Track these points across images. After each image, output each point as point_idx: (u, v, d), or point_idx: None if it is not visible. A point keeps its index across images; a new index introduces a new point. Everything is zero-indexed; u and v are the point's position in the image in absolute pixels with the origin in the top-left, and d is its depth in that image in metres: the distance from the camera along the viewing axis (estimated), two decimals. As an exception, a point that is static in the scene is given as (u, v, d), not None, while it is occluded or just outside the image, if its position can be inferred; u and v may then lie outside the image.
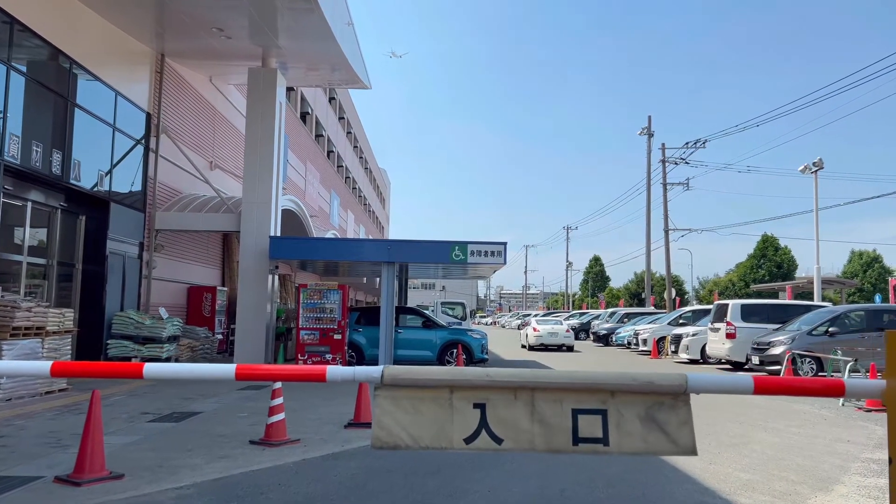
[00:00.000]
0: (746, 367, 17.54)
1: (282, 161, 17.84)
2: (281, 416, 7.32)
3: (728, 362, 19.25)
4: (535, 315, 47.07)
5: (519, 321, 61.29)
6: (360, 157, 54.98)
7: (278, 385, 7.29)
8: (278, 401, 7.29)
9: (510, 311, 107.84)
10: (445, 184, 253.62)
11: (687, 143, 40.53)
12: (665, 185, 41.42)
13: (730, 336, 18.35)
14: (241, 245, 16.05)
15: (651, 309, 38.72)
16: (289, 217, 20.73)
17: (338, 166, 41.94)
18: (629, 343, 28.66)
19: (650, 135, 42.67)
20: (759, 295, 39.21)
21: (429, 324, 16.79)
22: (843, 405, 11.50)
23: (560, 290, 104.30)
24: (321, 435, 7.91)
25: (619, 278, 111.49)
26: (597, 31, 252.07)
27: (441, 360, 16.54)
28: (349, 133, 48.08)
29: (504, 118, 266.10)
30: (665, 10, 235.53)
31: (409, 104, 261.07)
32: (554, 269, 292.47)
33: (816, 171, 23.74)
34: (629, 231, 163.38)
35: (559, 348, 28.52)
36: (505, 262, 15.85)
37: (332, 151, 39.85)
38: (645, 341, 26.07)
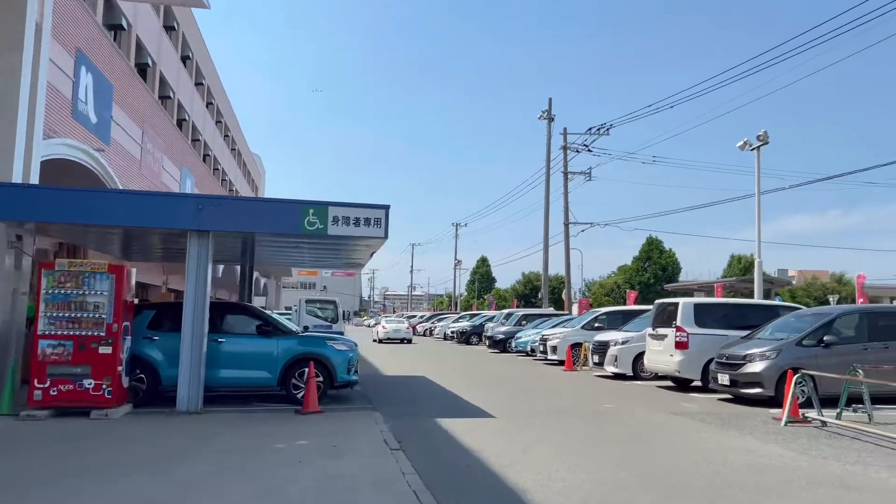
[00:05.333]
0: (708, 387, 13.12)
1: (41, 83, 11.58)
2: None
3: (674, 380, 14.83)
4: (386, 317, 52.13)
5: (408, 323, 56.50)
6: (226, 136, 47.83)
7: None
8: None
9: (394, 311, 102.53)
10: (327, 184, 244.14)
11: (590, 129, 36.84)
12: (566, 173, 37.54)
13: (681, 346, 13.90)
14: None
15: (551, 310, 34.64)
16: (75, 174, 14.30)
17: (193, 140, 34.93)
18: (532, 350, 24.06)
19: (550, 119, 38.68)
20: (672, 295, 36.00)
21: (266, 329, 11.07)
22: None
23: (447, 292, 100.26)
24: None
25: (505, 279, 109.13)
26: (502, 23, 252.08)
27: (285, 384, 10.90)
28: (210, 104, 41.02)
29: (391, 118, 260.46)
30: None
31: (289, 104, 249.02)
32: (442, 270, 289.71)
33: (760, 146, 20.21)
34: (518, 230, 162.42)
35: (401, 341, 36.18)
36: (386, 236, 10.47)
37: (185, 120, 32.84)
38: (555, 348, 21.50)
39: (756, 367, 11.64)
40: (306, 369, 10.71)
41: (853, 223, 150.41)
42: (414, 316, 62.71)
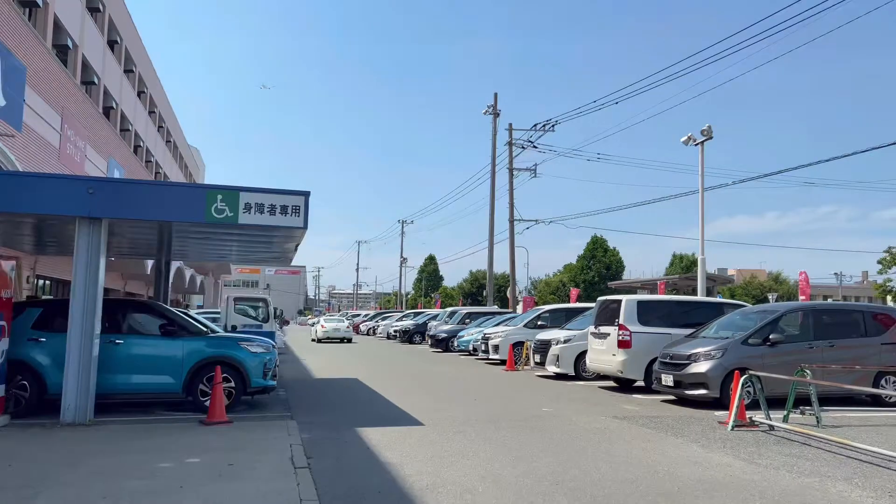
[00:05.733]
0: (652, 388, 12.54)
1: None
2: None
3: (617, 380, 14.25)
4: (326, 315, 49.36)
5: (349, 321, 54.97)
6: (160, 127, 45.73)
7: None
8: None
9: (339, 310, 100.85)
10: (271, 182, 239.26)
11: (535, 126, 36.37)
12: (511, 170, 37.00)
13: (623, 345, 13.30)
14: None
15: (496, 308, 33.98)
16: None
17: (122, 129, 33.00)
18: (475, 349, 23.31)
19: (496, 114, 38.08)
20: (616, 293, 35.64)
21: (171, 329, 9.91)
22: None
23: (394, 290, 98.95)
24: None
25: (454, 278, 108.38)
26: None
27: (191, 391, 9.77)
28: (142, 93, 39.03)
29: (336, 115, 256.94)
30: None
31: (234, 100, 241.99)
32: (389, 268, 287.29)
33: (704, 140, 19.90)
34: (465, 227, 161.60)
35: (341, 341, 34.94)
36: (305, 226, 9.45)
37: (113, 108, 30.98)
38: (497, 347, 20.79)
39: (701, 367, 11.08)
40: (219, 373, 9.62)
41: (789, 224, 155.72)
42: (358, 315, 61.42)
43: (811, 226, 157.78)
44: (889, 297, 42.49)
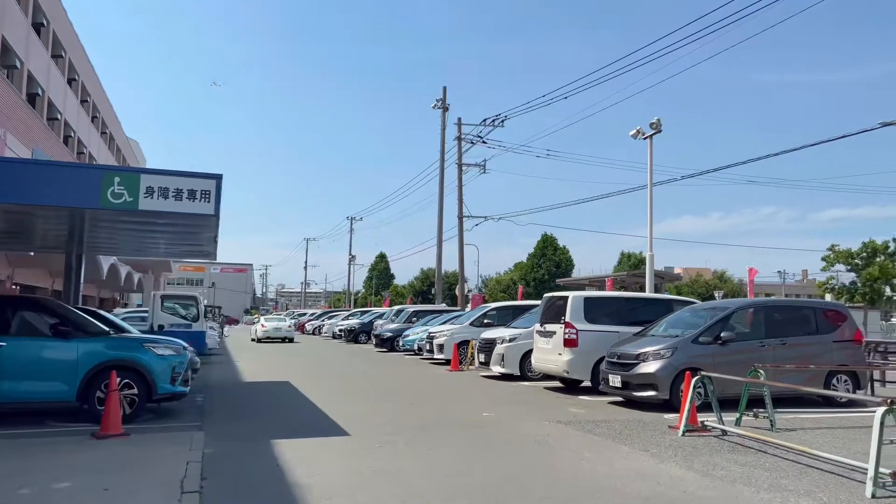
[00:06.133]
0: (599, 389, 11.89)
1: None
2: None
3: (563, 380, 13.59)
4: (267, 315, 49.32)
5: (294, 320, 53.42)
6: (94, 118, 43.49)
7: None
8: None
9: (287, 309, 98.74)
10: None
11: (484, 120, 35.68)
12: (460, 165, 36.25)
13: (570, 343, 12.63)
14: None
15: (444, 306, 33.18)
16: None
17: (50, 118, 31.08)
18: (420, 348, 22.46)
19: (445, 108, 37.29)
20: (563, 290, 35.24)
21: (64, 329, 8.74)
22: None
23: (344, 288, 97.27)
24: None
25: (405, 276, 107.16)
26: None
27: (87, 399, 8.64)
28: (73, 80, 36.92)
29: (283, 111, 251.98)
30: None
31: (181, 96, 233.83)
32: (339, 266, 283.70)
33: (653, 134, 19.48)
34: (415, 225, 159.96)
35: (283, 340, 33.51)
36: (216, 213, 8.45)
37: (39, 95, 29.03)
38: (441, 347, 19.98)
39: (650, 367, 10.46)
40: (118, 380, 8.54)
41: (733, 224, 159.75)
42: (304, 314, 59.84)
43: (753, 226, 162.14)
44: (829, 296, 43.36)
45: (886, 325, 45.96)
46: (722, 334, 10.66)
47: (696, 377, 8.59)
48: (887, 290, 39.14)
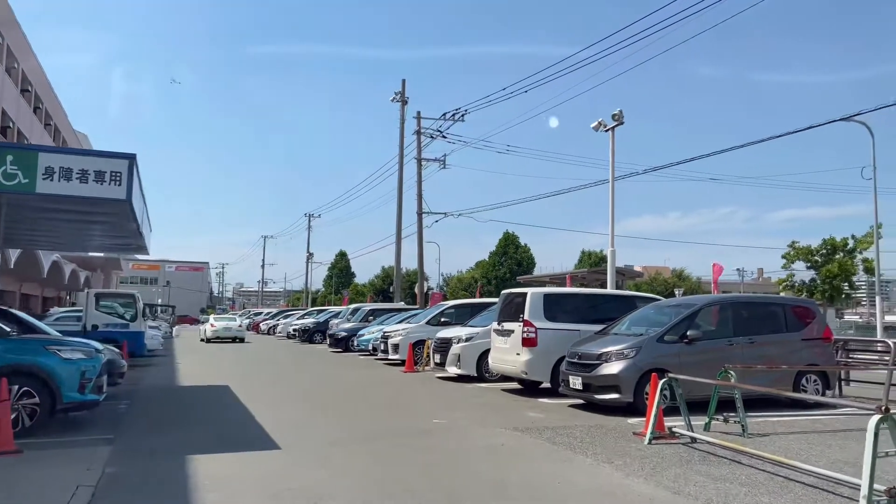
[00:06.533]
0: (559, 391, 11.15)
1: None
2: None
3: (522, 382, 12.85)
4: (217, 315, 46.55)
5: (248, 320, 51.83)
6: (37, 109, 41.49)
7: None
8: None
9: (244, 308, 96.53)
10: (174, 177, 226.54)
11: (444, 114, 34.83)
12: (419, 160, 35.36)
13: (528, 342, 11.89)
14: None
15: (401, 305, 32.29)
16: None
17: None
18: (374, 348, 21.53)
19: (404, 101, 36.32)
20: (523, 287, 34.71)
21: (-50, 331, 7.63)
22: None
23: (303, 287, 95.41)
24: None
25: (365, 274, 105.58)
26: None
27: (-21, 410, 7.54)
28: (12, 69, 35.06)
29: (239, 105, 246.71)
30: None
31: (134, 95, 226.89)
32: (298, 264, 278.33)
33: (615, 126, 18.89)
34: (375, 221, 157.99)
35: (233, 340, 32.85)
36: (128, 198, 7.43)
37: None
38: (396, 347, 19.10)
39: (612, 368, 9.75)
40: (16, 387, 7.50)
41: (691, 224, 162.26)
42: (260, 313, 58.26)
43: (711, 225, 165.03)
44: (788, 293, 43.68)
45: (840, 322, 46.61)
46: (688, 333, 10.02)
47: (664, 380, 7.89)
48: (846, 288, 39.46)
